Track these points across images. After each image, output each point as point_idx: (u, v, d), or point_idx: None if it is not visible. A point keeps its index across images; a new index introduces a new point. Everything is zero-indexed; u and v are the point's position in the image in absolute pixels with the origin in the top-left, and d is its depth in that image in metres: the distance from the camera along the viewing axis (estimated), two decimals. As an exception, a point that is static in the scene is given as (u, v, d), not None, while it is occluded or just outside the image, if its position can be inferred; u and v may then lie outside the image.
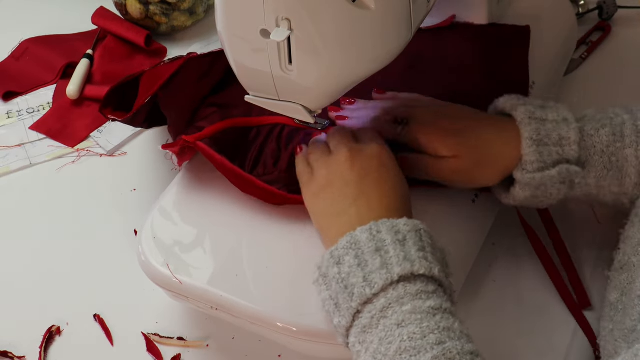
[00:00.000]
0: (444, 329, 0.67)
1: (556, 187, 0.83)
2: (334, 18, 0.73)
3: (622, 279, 0.75)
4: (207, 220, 0.85)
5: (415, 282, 0.70)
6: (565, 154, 0.82)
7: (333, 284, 0.72)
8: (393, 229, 0.72)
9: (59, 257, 0.96)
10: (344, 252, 0.72)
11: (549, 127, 0.82)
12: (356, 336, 0.70)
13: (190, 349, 0.87)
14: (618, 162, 0.82)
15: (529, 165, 0.82)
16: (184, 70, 0.91)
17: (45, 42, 1.22)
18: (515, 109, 0.83)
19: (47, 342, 0.88)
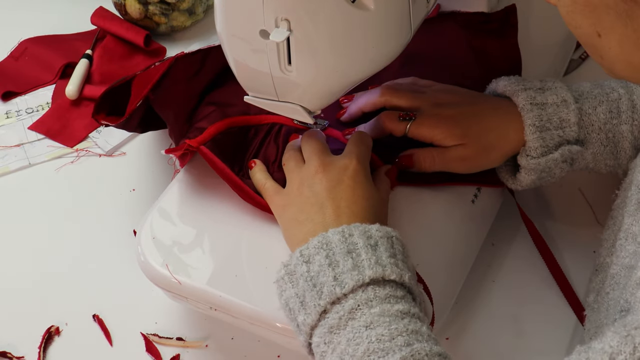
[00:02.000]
0: (412, 331, 0.67)
1: (559, 167, 0.86)
2: (333, 18, 0.73)
3: (598, 280, 0.77)
4: (206, 220, 0.85)
5: (384, 286, 0.70)
6: (566, 135, 0.85)
7: (300, 282, 0.72)
8: (365, 234, 0.73)
9: (58, 257, 0.96)
10: (315, 251, 0.72)
11: (550, 111, 0.84)
12: (321, 336, 0.70)
13: (189, 349, 0.87)
14: (614, 137, 0.85)
15: (532, 152, 0.84)
16: (173, 71, 0.90)
17: (45, 42, 1.22)
18: (516, 95, 0.85)
19: (46, 342, 0.88)
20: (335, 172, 0.79)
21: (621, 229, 0.74)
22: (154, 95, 0.89)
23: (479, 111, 0.86)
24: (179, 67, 0.90)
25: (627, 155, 0.86)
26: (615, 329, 0.58)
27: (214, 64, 0.93)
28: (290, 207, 0.80)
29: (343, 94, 0.80)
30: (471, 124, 0.85)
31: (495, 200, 0.93)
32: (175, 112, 0.91)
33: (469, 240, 0.88)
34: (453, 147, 0.85)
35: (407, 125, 0.86)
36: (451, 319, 0.86)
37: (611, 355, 0.57)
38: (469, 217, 0.88)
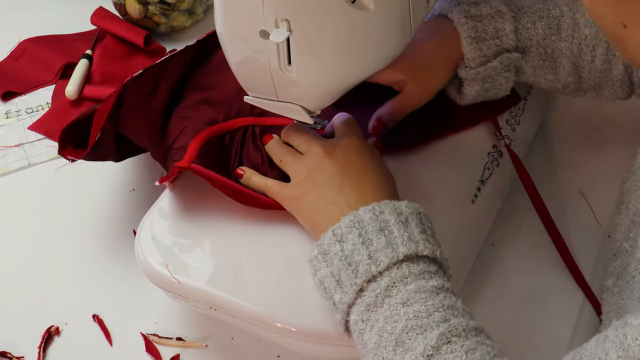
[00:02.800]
0: (448, 307, 0.68)
1: (503, 76, 0.89)
2: (333, 19, 0.73)
3: (617, 265, 0.77)
4: (206, 220, 0.85)
5: (418, 262, 0.71)
6: (504, 44, 0.88)
7: (335, 261, 0.73)
8: (395, 210, 0.73)
9: (58, 257, 0.96)
10: (347, 230, 0.73)
11: (485, 22, 0.87)
12: (359, 314, 0.71)
13: (189, 349, 0.87)
14: (553, 53, 0.88)
15: (470, 62, 0.87)
16: (127, 97, 0.90)
17: (44, 42, 1.22)
18: (450, 11, 0.88)
19: (46, 342, 0.88)
20: (341, 153, 0.79)
21: (639, 209, 0.74)
22: (117, 125, 0.89)
23: (415, 41, 0.88)
24: (131, 92, 0.90)
25: (565, 71, 0.89)
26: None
27: (168, 78, 0.93)
28: (305, 196, 0.79)
29: (343, 94, 0.80)
30: (411, 55, 0.87)
31: (495, 200, 0.93)
32: (146, 135, 0.90)
33: (469, 240, 0.88)
34: (404, 88, 0.88)
35: None
36: (451, 319, 0.86)
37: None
38: (469, 217, 0.88)
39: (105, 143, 0.91)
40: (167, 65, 0.93)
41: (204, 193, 0.87)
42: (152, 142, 0.90)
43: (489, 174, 0.92)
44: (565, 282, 0.90)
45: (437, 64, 0.88)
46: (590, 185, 0.99)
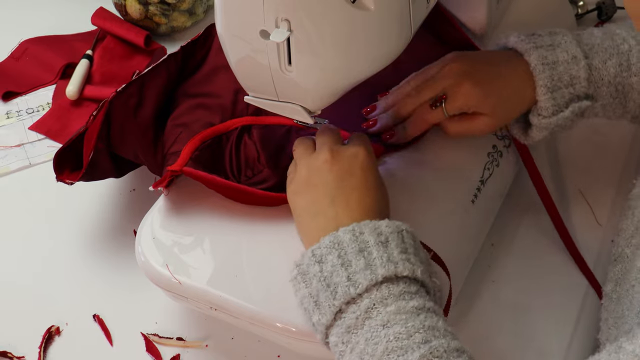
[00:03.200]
0: (429, 327, 0.68)
1: (569, 121, 0.88)
2: (334, 19, 0.73)
3: (617, 271, 0.77)
4: (207, 220, 0.85)
5: (398, 283, 0.70)
6: (576, 91, 0.87)
7: (314, 282, 0.72)
8: (375, 231, 0.73)
9: (58, 257, 0.96)
10: (327, 251, 0.72)
11: (561, 69, 0.86)
12: (339, 336, 0.70)
13: (189, 349, 0.87)
14: (624, 89, 0.87)
15: (544, 111, 0.86)
16: (114, 114, 0.90)
17: (45, 42, 1.22)
18: (527, 54, 0.87)
19: (47, 342, 0.88)
20: (345, 161, 0.79)
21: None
22: (109, 142, 0.90)
23: (504, 74, 0.87)
24: (117, 107, 0.90)
25: (636, 104, 0.88)
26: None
27: (154, 88, 0.93)
28: (301, 195, 0.79)
29: (343, 94, 0.80)
30: (501, 91, 0.86)
31: (495, 200, 0.93)
32: (140, 148, 0.90)
33: (469, 240, 0.88)
34: (480, 116, 0.87)
35: (443, 109, 0.87)
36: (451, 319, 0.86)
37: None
38: (469, 217, 0.88)
39: (101, 162, 0.91)
40: (150, 77, 0.93)
41: (204, 193, 0.87)
42: (147, 154, 0.90)
43: (489, 174, 0.91)
44: (565, 282, 0.90)
45: (516, 106, 0.88)
46: (590, 185, 0.99)
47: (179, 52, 0.95)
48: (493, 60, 0.89)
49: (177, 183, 0.88)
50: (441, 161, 0.90)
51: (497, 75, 0.87)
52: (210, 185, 0.85)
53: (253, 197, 0.84)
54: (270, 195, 0.84)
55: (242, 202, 0.85)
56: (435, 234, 0.84)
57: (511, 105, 0.87)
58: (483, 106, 0.86)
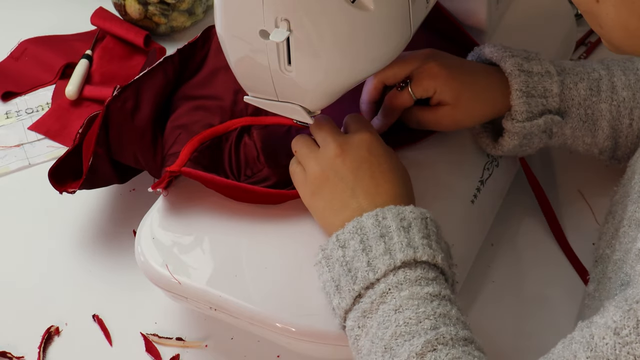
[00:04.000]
0: (440, 315, 0.68)
1: (538, 136, 0.88)
2: (333, 19, 0.73)
3: (598, 271, 0.78)
4: (206, 220, 0.85)
5: (416, 268, 0.71)
6: (549, 104, 0.87)
7: (336, 266, 0.73)
8: (399, 216, 0.73)
9: (58, 257, 0.96)
10: (350, 236, 0.73)
11: (535, 79, 0.87)
12: (355, 320, 0.71)
13: (189, 349, 0.87)
14: (593, 115, 0.88)
15: (518, 115, 0.86)
16: (112, 118, 0.90)
17: (44, 42, 1.22)
18: (503, 61, 0.87)
19: (46, 342, 0.88)
20: (354, 150, 0.79)
21: (624, 217, 0.74)
22: (109, 147, 0.90)
23: (471, 69, 0.88)
24: (114, 110, 0.90)
25: (604, 134, 0.89)
26: (617, 303, 0.59)
27: (151, 90, 0.93)
28: (319, 195, 0.79)
29: (343, 93, 0.80)
30: (466, 80, 0.86)
31: (495, 200, 0.93)
32: (140, 151, 0.91)
33: (468, 240, 0.88)
34: (442, 107, 0.87)
35: (409, 91, 0.87)
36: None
37: (615, 330, 0.57)
38: (469, 217, 0.88)
39: (101, 168, 0.92)
40: (146, 79, 0.93)
41: (203, 193, 0.87)
42: (147, 157, 0.90)
43: (489, 174, 0.91)
44: (565, 281, 0.90)
45: (481, 103, 0.88)
46: (590, 185, 0.99)
47: (175, 55, 0.95)
48: (469, 62, 0.90)
49: (177, 183, 0.88)
50: (441, 161, 0.90)
51: (468, 69, 0.87)
52: (209, 185, 0.85)
53: (253, 195, 0.84)
54: (271, 192, 0.84)
55: (243, 201, 0.85)
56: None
57: (478, 101, 0.87)
58: (446, 90, 0.86)
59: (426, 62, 0.86)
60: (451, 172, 0.89)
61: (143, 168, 0.92)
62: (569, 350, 0.60)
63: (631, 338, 0.56)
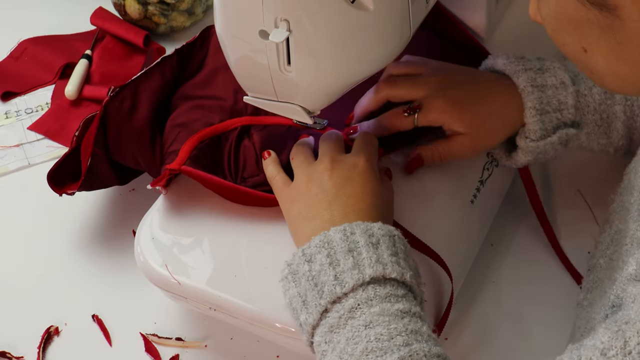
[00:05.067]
0: (412, 331, 0.67)
1: (554, 148, 0.88)
2: (333, 19, 0.73)
3: (589, 280, 0.78)
4: (206, 220, 0.85)
5: (385, 285, 0.70)
6: (564, 117, 0.86)
7: (302, 281, 0.72)
8: (367, 232, 0.73)
9: (58, 257, 0.96)
10: (316, 250, 0.72)
11: (549, 93, 0.86)
12: (322, 335, 0.70)
13: (188, 350, 0.87)
14: (608, 118, 0.87)
15: (532, 134, 0.86)
16: (110, 119, 0.90)
17: (44, 42, 1.22)
18: (516, 75, 0.86)
19: (46, 342, 0.88)
20: (344, 169, 0.79)
21: (621, 230, 0.74)
22: (107, 148, 0.90)
23: (483, 92, 0.87)
24: (111, 110, 0.90)
25: (619, 134, 0.88)
26: (607, 325, 0.59)
27: (149, 91, 0.93)
28: (298, 202, 0.79)
29: (342, 94, 0.80)
30: (477, 109, 0.86)
31: (494, 200, 0.93)
32: (139, 151, 0.91)
33: (468, 241, 0.88)
34: (457, 137, 0.86)
35: (414, 118, 0.86)
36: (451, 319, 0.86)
37: (602, 351, 0.57)
38: (468, 217, 0.88)
39: (100, 169, 0.92)
40: (143, 79, 0.93)
41: (203, 193, 0.87)
42: (146, 157, 0.90)
43: (488, 174, 0.91)
44: (564, 282, 0.90)
45: (499, 126, 0.87)
46: (589, 185, 0.99)
47: (174, 55, 0.95)
48: (478, 78, 0.88)
49: (176, 183, 0.88)
50: (440, 161, 0.90)
51: (479, 94, 0.86)
52: (208, 185, 0.85)
53: (251, 198, 0.84)
54: (268, 196, 0.84)
55: (239, 203, 0.85)
56: (434, 234, 0.84)
57: (493, 125, 0.86)
58: (458, 124, 0.85)
59: (434, 96, 0.86)
60: (451, 172, 0.89)
61: (142, 169, 0.92)
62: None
63: (617, 359, 0.56)
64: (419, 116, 0.86)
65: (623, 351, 0.56)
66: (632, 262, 0.62)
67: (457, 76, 0.88)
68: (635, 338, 0.56)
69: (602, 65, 0.64)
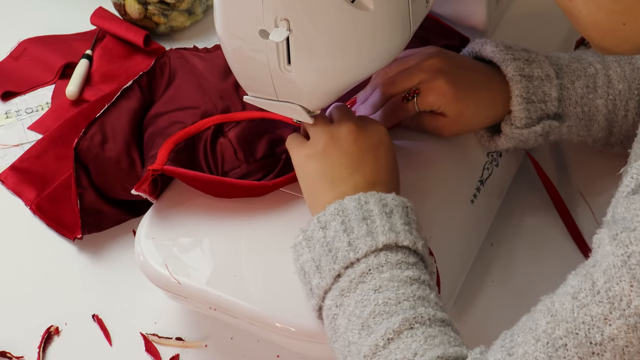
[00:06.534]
0: (419, 297, 0.69)
1: (535, 139, 0.89)
2: (333, 18, 0.73)
3: None
4: (206, 220, 0.85)
5: (397, 252, 0.72)
6: (547, 109, 0.88)
7: (317, 247, 0.74)
8: (381, 201, 0.74)
9: (58, 258, 0.96)
10: (331, 217, 0.74)
11: (536, 84, 0.87)
12: (333, 299, 0.72)
13: (188, 349, 0.87)
14: (589, 111, 0.88)
15: (517, 121, 0.87)
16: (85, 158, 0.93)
17: (44, 42, 1.22)
18: (505, 64, 0.87)
19: (46, 342, 0.88)
20: (369, 135, 0.79)
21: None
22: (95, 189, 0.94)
23: (476, 82, 0.88)
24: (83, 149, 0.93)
25: (599, 127, 0.90)
26: (576, 271, 0.61)
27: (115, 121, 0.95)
28: (317, 160, 0.79)
29: (342, 93, 0.80)
30: (468, 99, 0.87)
31: (494, 200, 0.93)
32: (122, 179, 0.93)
33: (468, 240, 0.88)
34: (442, 118, 0.87)
35: (414, 102, 0.87)
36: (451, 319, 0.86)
37: (573, 295, 0.59)
38: (469, 217, 0.88)
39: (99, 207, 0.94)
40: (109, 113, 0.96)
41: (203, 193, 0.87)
42: (132, 182, 0.91)
43: (489, 174, 0.92)
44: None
45: (482, 120, 0.88)
46: (590, 185, 0.99)
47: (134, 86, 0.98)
48: (472, 66, 0.89)
49: (176, 183, 0.88)
50: (440, 161, 0.90)
51: (473, 82, 0.87)
52: (192, 182, 0.85)
53: (236, 189, 0.85)
54: (254, 184, 0.84)
55: (225, 197, 0.85)
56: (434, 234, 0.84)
57: (478, 117, 0.88)
58: (450, 108, 0.86)
59: (435, 78, 0.86)
60: (451, 172, 0.89)
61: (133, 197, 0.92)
62: (532, 319, 0.62)
63: (587, 300, 0.58)
64: (419, 100, 0.87)
65: (592, 292, 0.58)
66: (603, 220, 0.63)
67: (456, 62, 0.89)
68: (601, 278, 0.57)
69: (585, 14, 0.66)
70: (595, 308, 0.57)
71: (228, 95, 0.95)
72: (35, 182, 1.02)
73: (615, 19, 0.65)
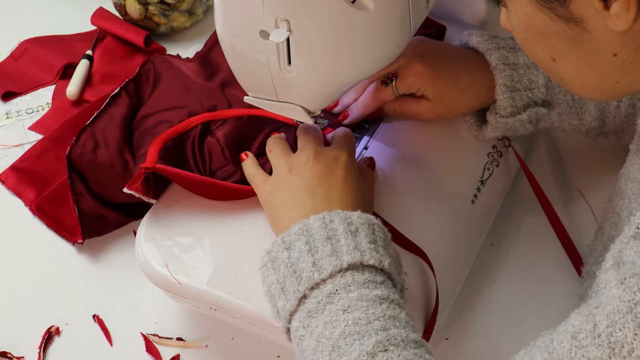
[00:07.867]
0: (390, 317, 0.68)
1: (524, 127, 0.89)
2: (333, 19, 0.73)
3: (583, 287, 0.79)
4: (206, 220, 0.85)
5: (363, 271, 0.71)
6: (534, 96, 0.88)
7: (281, 268, 0.73)
8: (346, 220, 0.73)
9: (58, 258, 0.96)
10: (295, 237, 0.73)
11: (521, 72, 0.87)
12: (300, 320, 0.71)
13: (189, 350, 0.87)
14: (580, 99, 0.88)
15: (502, 110, 0.88)
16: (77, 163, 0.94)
17: (45, 42, 1.22)
18: (489, 53, 0.88)
19: (46, 342, 0.88)
20: (326, 161, 0.80)
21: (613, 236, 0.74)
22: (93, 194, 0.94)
23: (456, 66, 0.88)
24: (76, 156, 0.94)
25: (591, 116, 0.90)
26: (579, 310, 0.60)
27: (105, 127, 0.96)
28: (278, 192, 0.80)
29: (342, 94, 0.81)
30: (450, 80, 0.87)
31: (495, 200, 0.93)
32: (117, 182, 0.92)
33: (468, 241, 0.88)
34: (424, 101, 0.88)
35: (393, 86, 0.87)
36: (451, 319, 0.86)
37: (573, 334, 0.58)
38: (469, 217, 0.88)
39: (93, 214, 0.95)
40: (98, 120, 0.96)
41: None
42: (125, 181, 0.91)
43: (489, 174, 0.92)
44: (565, 282, 0.90)
45: (464, 102, 0.89)
46: (590, 185, 0.99)
47: (121, 92, 0.98)
48: (453, 53, 0.90)
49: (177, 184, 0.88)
50: (441, 161, 0.90)
51: (452, 66, 0.88)
52: (182, 182, 0.85)
53: (226, 191, 0.85)
54: (244, 188, 0.84)
55: (214, 198, 0.85)
56: (434, 234, 0.84)
57: (461, 98, 0.88)
58: (429, 89, 0.87)
59: (412, 61, 0.87)
60: (451, 172, 0.90)
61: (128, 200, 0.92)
62: (529, 354, 0.61)
63: (587, 341, 0.57)
64: (397, 83, 0.87)
65: (592, 334, 0.57)
66: (609, 257, 0.62)
67: (436, 48, 0.90)
68: (604, 321, 0.56)
69: (572, 74, 0.65)
70: (594, 351, 0.56)
71: (214, 95, 0.96)
72: (35, 183, 1.02)
73: (608, 79, 0.64)
